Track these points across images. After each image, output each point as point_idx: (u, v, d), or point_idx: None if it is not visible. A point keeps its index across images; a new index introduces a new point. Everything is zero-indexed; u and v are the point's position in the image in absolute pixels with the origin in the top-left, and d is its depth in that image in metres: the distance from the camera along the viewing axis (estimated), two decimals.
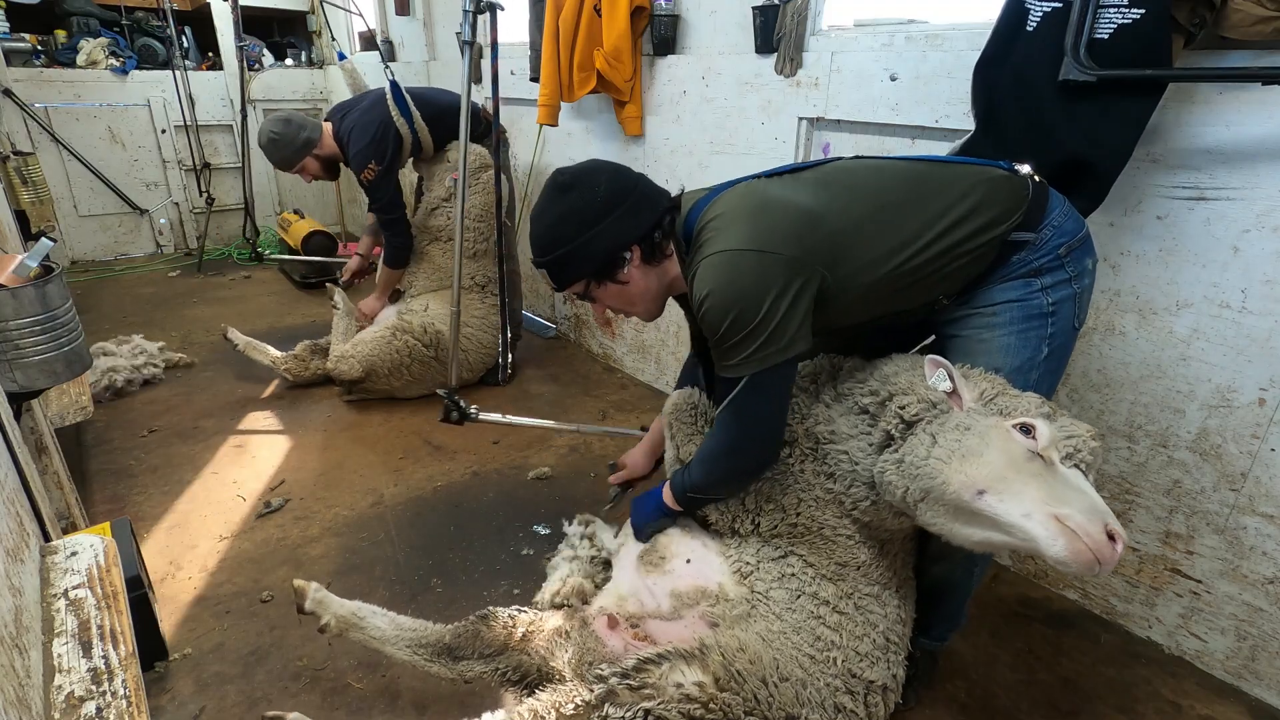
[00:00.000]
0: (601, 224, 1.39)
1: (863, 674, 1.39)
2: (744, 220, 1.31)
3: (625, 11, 2.79)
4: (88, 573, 1.20)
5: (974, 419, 1.24)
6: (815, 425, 1.47)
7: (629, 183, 1.43)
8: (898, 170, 1.43)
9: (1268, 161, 1.54)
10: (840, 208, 1.35)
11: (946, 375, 1.29)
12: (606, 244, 1.40)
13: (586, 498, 2.53)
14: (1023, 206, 1.35)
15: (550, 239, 1.43)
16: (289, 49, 6.20)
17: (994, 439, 1.19)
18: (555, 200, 1.42)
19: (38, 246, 1.62)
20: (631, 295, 1.48)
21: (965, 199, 1.34)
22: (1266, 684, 1.75)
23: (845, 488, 1.42)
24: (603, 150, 3.43)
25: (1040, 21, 1.57)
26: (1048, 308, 1.37)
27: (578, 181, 1.41)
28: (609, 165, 1.46)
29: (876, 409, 1.37)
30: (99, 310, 4.37)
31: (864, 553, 1.46)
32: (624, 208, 1.40)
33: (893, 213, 1.35)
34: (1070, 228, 1.38)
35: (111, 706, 0.95)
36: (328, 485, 2.60)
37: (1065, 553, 1.07)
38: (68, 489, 1.97)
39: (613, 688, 1.27)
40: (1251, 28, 1.40)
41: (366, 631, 1.54)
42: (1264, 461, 1.66)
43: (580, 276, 1.46)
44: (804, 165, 1.47)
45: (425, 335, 3.15)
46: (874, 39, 2.23)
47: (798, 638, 1.40)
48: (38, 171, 4.60)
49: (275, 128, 3.07)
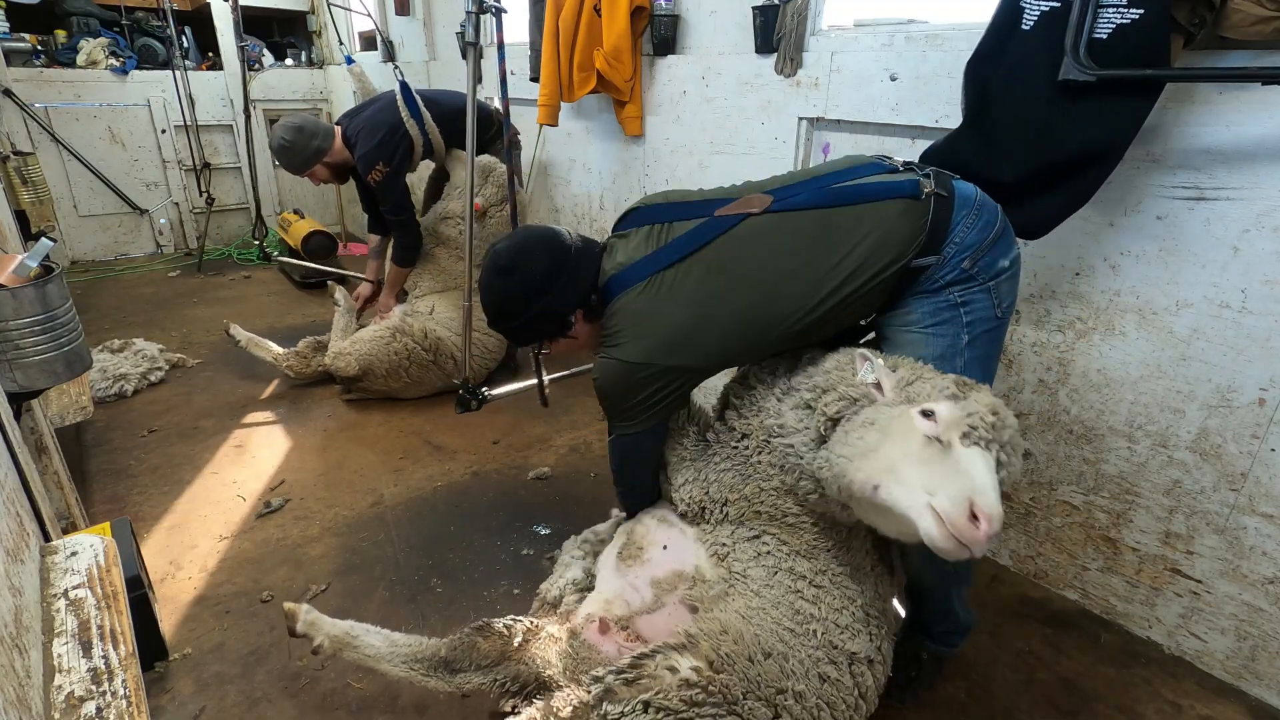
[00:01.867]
0: (545, 298, 1.57)
1: (844, 645, 1.40)
2: (637, 331, 1.49)
3: (625, 11, 2.79)
4: (88, 573, 1.20)
5: (880, 412, 1.25)
6: (767, 419, 1.49)
7: (563, 251, 1.58)
8: (798, 228, 1.46)
9: (1268, 161, 1.54)
10: (734, 295, 1.45)
11: (871, 369, 1.32)
12: (553, 312, 1.59)
13: (586, 497, 2.53)
14: (921, 235, 1.40)
15: (499, 313, 1.62)
16: (289, 49, 6.20)
17: (894, 430, 1.19)
18: (498, 281, 1.59)
19: (38, 246, 1.62)
20: (579, 345, 1.70)
21: (864, 243, 1.40)
22: (1266, 684, 1.75)
23: (795, 480, 1.42)
24: (603, 150, 3.43)
25: (1037, 20, 1.57)
26: (958, 300, 1.44)
27: (516, 264, 1.57)
28: (542, 236, 1.61)
29: (815, 404, 1.39)
30: (99, 310, 4.37)
31: (829, 538, 1.47)
32: (563, 279, 1.56)
33: (791, 282, 1.43)
34: (973, 240, 1.41)
35: (111, 706, 0.95)
36: (328, 485, 2.60)
37: (937, 540, 1.09)
38: (68, 489, 1.97)
39: (610, 685, 1.27)
40: (1251, 28, 1.40)
41: (361, 650, 1.52)
42: (1264, 461, 1.66)
43: (535, 339, 1.71)
44: (709, 235, 1.49)
45: (425, 340, 3.16)
46: (874, 39, 2.23)
47: (776, 612, 1.41)
48: (38, 171, 4.60)
49: (287, 135, 3.05)
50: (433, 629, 1.91)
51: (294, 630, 1.53)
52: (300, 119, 3.11)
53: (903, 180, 1.46)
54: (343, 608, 2.00)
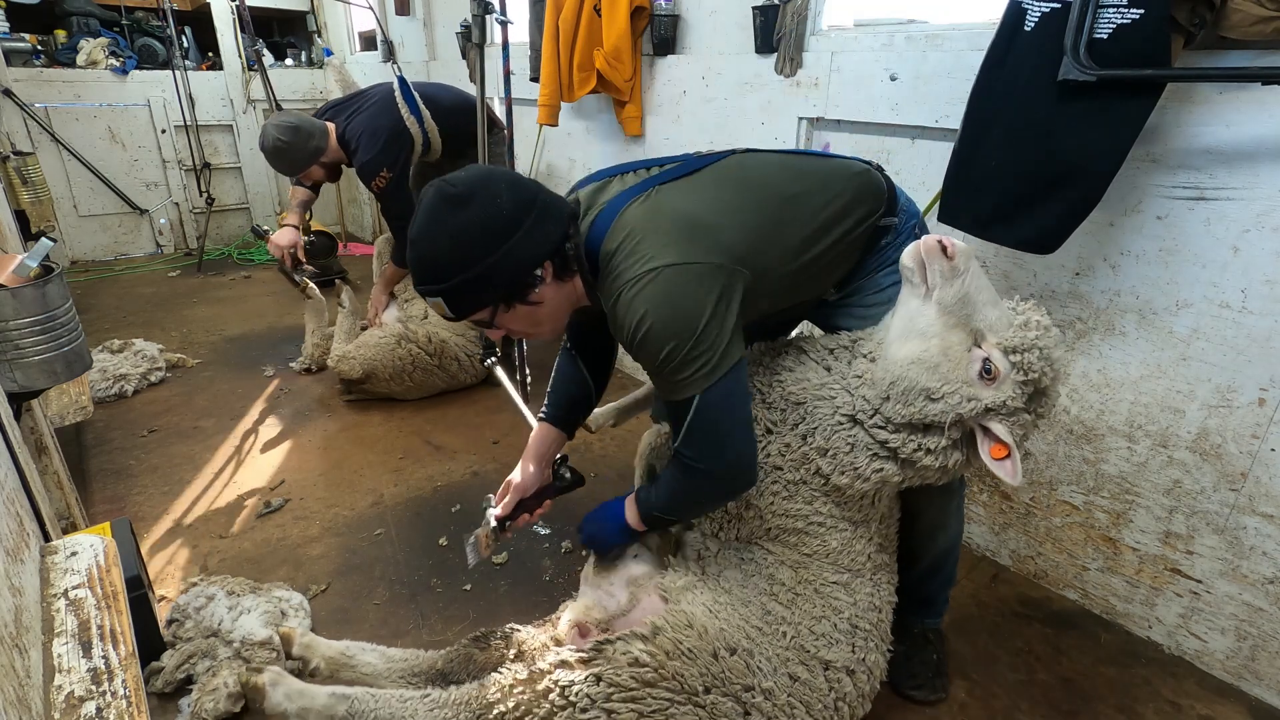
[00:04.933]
0: (510, 239, 1.20)
1: (817, 651, 1.39)
2: (661, 235, 1.22)
3: (625, 11, 2.79)
4: (88, 573, 1.20)
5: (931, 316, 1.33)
6: (787, 387, 1.48)
7: (530, 189, 1.26)
8: (785, 164, 1.47)
9: (1268, 161, 1.54)
10: (749, 207, 1.33)
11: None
12: (517, 262, 1.22)
13: (587, 497, 2.53)
14: (884, 195, 1.47)
15: (447, 262, 1.21)
16: (289, 49, 6.20)
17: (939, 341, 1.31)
18: (449, 216, 1.20)
19: (38, 246, 1.62)
20: (540, 316, 1.32)
21: (844, 192, 1.42)
22: (1266, 684, 1.75)
23: (826, 439, 1.41)
24: (603, 150, 3.43)
25: (1038, 22, 1.57)
26: None
27: (474, 192, 1.20)
28: (503, 171, 1.30)
29: (848, 345, 1.48)
30: (99, 310, 4.37)
31: (835, 538, 1.46)
32: (531, 218, 1.22)
33: (793, 207, 1.37)
34: (914, 209, 1.55)
35: (111, 706, 0.94)
36: (328, 485, 2.60)
37: (904, 254, 1.33)
38: (68, 489, 1.97)
39: (564, 658, 1.31)
40: (1251, 28, 1.40)
41: (358, 669, 1.53)
42: (1264, 461, 1.66)
43: (487, 303, 1.26)
44: (694, 165, 1.40)
45: (430, 345, 3.17)
46: (874, 39, 2.23)
47: (745, 610, 1.40)
48: (38, 171, 4.60)
49: (284, 135, 2.88)
50: (432, 629, 1.92)
51: (289, 653, 1.56)
52: (295, 117, 2.95)
53: (847, 155, 1.57)
54: (342, 608, 2.00)
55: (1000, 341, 1.27)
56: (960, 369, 1.28)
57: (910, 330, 1.32)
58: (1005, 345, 1.27)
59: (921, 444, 1.33)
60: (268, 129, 2.92)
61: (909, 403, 1.31)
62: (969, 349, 1.29)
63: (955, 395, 1.28)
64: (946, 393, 1.28)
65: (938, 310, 1.30)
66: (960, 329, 1.29)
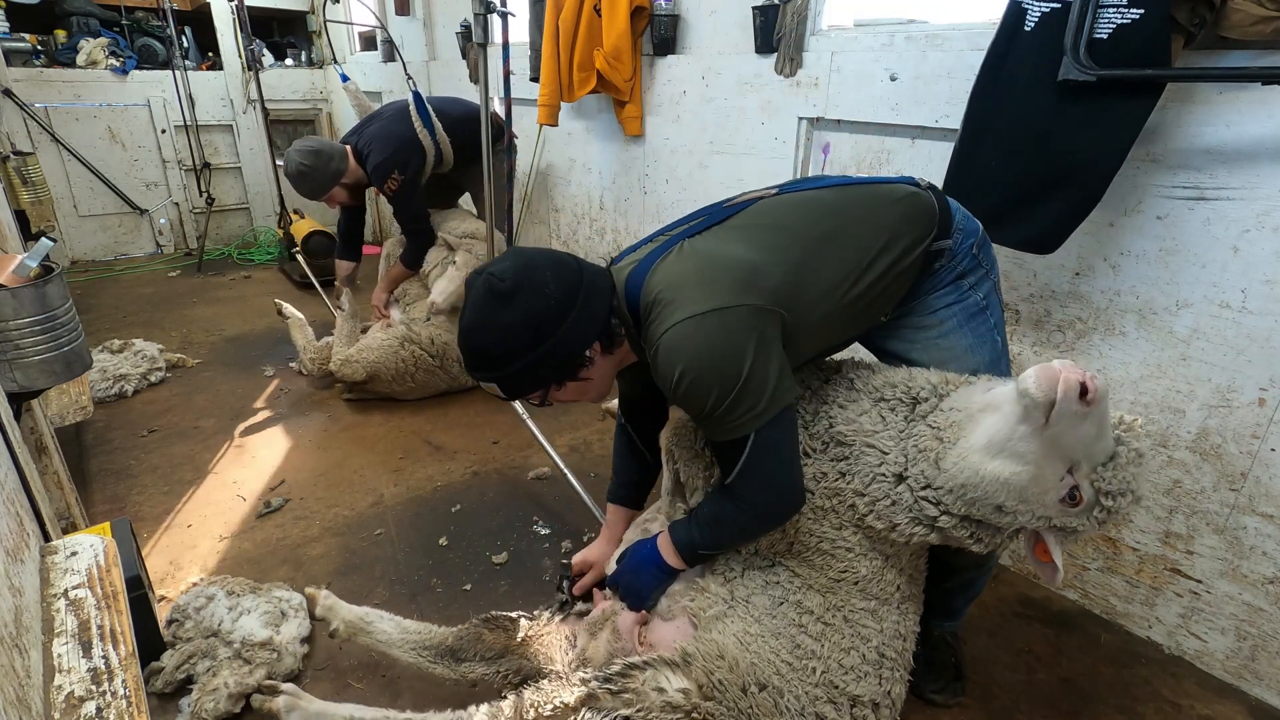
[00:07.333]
0: (560, 329, 1.24)
1: (846, 687, 1.34)
2: (693, 283, 1.24)
3: (625, 11, 2.79)
4: (88, 573, 1.20)
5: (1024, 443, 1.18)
6: (835, 425, 1.40)
7: (573, 271, 1.28)
8: (819, 203, 1.42)
9: (1268, 161, 1.54)
10: (781, 248, 1.31)
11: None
12: (568, 349, 1.26)
13: (587, 497, 2.53)
14: (936, 217, 1.39)
15: (499, 355, 1.26)
16: (289, 49, 6.20)
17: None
18: (499, 311, 1.23)
19: (38, 246, 1.62)
20: (589, 387, 1.38)
21: (889, 221, 1.36)
22: (1266, 684, 1.75)
23: (865, 485, 1.34)
24: (603, 150, 3.43)
25: (1038, 22, 1.57)
26: (981, 302, 1.44)
27: (521, 286, 1.23)
28: (545, 256, 1.31)
29: (904, 397, 1.36)
30: (99, 310, 4.37)
31: (865, 566, 1.40)
32: (578, 305, 1.25)
33: (829, 246, 1.34)
34: (972, 226, 1.45)
35: (111, 706, 0.94)
36: (328, 485, 2.60)
37: (1031, 380, 1.09)
38: (68, 489, 1.97)
39: (593, 691, 1.26)
40: (1251, 28, 1.40)
41: (374, 636, 1.60)
42: (1264, 461, 1.66)
43: (540, 387, 1.32)
44: (723, 215, 1.41)
45: (433, 346, 3.18)
46: (874, 39, 2.23)
47: (775, 642, 1.36)
48: (38, 171, 4.59)
49: (306, 160, 2.94)
50: None
51: (313, 614, 1.65)
52: (315, 141, 3.02)
53: (895, 176, 1.48)
54: None
55: (1096, 480, 1.17)
56: (1046, 494, 1.18)
57: (1004, 449, 1.18)
58: (1101, 487, 1.17)
59: (974, 533, 1.27)
60: (290, 155, 3.01)
61: (977, 508, 1.23)
62: (1061, 478, 1.18)
63: (1028, 514, 1.20)
64: (1021, 511, 1.20)
65: (1044, 443, 1.15)
66: (1059, 459, 1.17)
